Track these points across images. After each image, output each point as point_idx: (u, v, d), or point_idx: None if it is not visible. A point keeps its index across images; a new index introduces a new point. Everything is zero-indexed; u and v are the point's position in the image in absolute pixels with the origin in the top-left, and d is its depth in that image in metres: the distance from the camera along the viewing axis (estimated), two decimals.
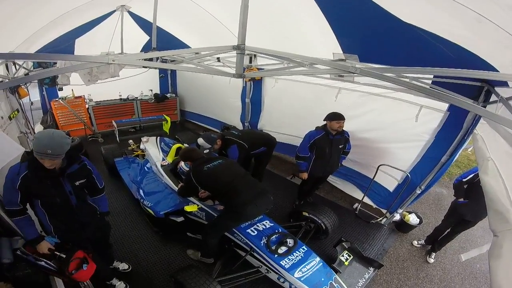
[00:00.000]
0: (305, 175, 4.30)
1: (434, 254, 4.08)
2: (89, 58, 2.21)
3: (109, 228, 3.13)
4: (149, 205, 3.83)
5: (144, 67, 4.81)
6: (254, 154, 4.56)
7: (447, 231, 4.00)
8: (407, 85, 1.89)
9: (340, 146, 4.17)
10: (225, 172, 3.26)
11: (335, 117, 3.91)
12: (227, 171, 3.29)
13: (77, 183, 2.40)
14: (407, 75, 2.88)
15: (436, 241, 4.11)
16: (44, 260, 2.36)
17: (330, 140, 4.03)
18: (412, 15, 2.39)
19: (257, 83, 6.11)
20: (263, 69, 5.71)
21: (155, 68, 5.18)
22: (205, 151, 4.17)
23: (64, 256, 2.39)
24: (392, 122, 4.20)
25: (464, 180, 3.57)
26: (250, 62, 5.59)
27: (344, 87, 4.62)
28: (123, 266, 3.44)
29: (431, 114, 3.78)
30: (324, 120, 4.02)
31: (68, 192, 2.35)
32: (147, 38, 5.65)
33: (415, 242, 4.35)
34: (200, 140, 4.14)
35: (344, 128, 4.05)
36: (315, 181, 4.64)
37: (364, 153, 4.77)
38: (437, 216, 5.12)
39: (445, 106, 3.61)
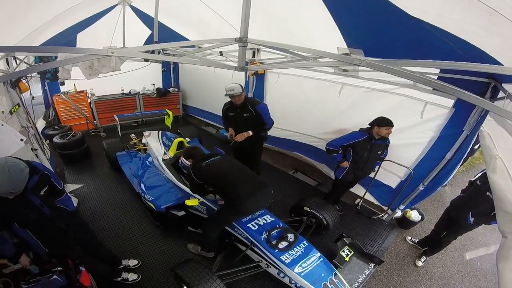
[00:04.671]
0: (346, 163, 4.08)
1: (424, 258, 3.97)
2: (88, 51, 2.18)
3: (88, 226, 3.10)
4: (150, 199, 3.83)
5: (145, 60, 4.78)
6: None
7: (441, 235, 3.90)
8: (413, 77, 1.85)
9: (379, 152, 3.99)
10: (222, 166, 3.26)
11: (385, 123, 3.68)
12: (225, 165, 3.29)
13: (42, 193, 2.36)
14: (412, 69, 2.85)
15: (430, 244, 4.04)
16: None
17: (371, 145, 3.85)
18: (420, 9, 2.33)
19: (260, 78, 6.06)
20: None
21: (156, 61, 5.13)
22: (230, 92, 4.11)
23: (60, 268, 2.49)
24: (396, 118, 4.12)
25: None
26: (253, 56, 5.54)
27: (348, 82, 4.55)
28: (132, 262, 3.46)
29: (436, 110, 3.71)
30: (370, 124, 3.85)
31: (38, 205, 2.33)
32: (149, 32, 5.62)
33: (408, 237, 4.32)
34: (235, 85, 4.09)
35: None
36: (346, 186, 4.55)
37: None
38: (438, 213, 4.96)
39: (450, 102, 3.54)
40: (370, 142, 3.83)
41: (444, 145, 3.73)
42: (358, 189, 5.11)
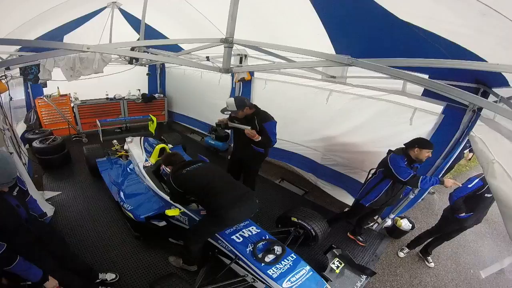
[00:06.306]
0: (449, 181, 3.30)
1: (430, 258, 3.99)
2: (64, 45, 2.06)
3: (61, 235, 2.94)
4: (129, 208, 3.62)
5: (129, 62, 4.62)
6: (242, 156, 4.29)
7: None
8: (405, 76, 1.76)
9: None
10: (203, 174, 3.10)
11: (428, 145, 3.20)
12: (207, 173, 3.13)
13: (15, 193, 2.24)
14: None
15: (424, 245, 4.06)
16: None
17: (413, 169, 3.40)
18: (411, 12, 2.28)
19: (247, 84, 5.96)
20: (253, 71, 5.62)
21: (141, 64, 4.95)
22: (226, 113, 3.78)
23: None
24: (385, 125, 4.11)
25: (464, 195, 3.39)
26: (240, 62, 5.44)
27: (336, 89, 4.50)
28: (110, 276, 3.21)
29: (425, 117, 3.68)
30: (406, 145, 3.37)
31: (15, 206, 2.16)
32: (137, 36, 5.51)
33: (401, 254, 4.15)
34: (230, 100, 3.69)
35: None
36: (369, 213, 4.07)
37: (355, 157, 4.65)
38: (428, 221, 5.06)
39: (439, 108, 3.52)
40: (411, 166, 3.34)
41: (434, 151, 3.66)
42: (346, 198, 5.05)
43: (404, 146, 3.39)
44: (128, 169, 4.73)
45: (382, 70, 1.82)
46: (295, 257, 2.97)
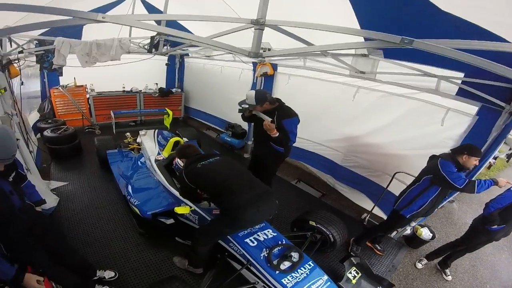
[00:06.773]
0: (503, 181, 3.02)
1: (448, 270, 3.79)
2: (76, 13, 1.89)
3: (58, 228, 2.75)
4: (136, 203, 3.45)
5: (148, 51, 4.49)
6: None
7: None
8: (470, 59, 1.52)
9: None
10: (219, 169, 2.85)
11: (478, 152, 2.96)
12: (223, 168, 2.88)
13: (10, 179, 2.08)
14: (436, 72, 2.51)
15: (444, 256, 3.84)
16: None
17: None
18: (452, 4, 2.12)
19: (269, 79, 5.77)
20: (276, 64, 5.48)
21: (156, 48, 4.79)
22: (242, 105, 3.52)
23: None
24: (414, 126, 3.87)
25: (503, 207, 3.12)
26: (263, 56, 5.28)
27: (364, 86, 4.28)
28: (108, 274, 3.02)
29: (458, 118, 3.44)
30: (454, 150, 3.11)
31: (8, 192, 1.99)
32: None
33: (419, 265, 3.90)
34: (251, 93, 3.40)
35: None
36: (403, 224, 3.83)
37: (380, 159, 4.41)
38: (447, 231, 4.87)
39: (474, 109, 3.29)
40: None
41: None
42: (365, 202, 4.84)
43: (450, 152, 3.12)
44: (139, 162, 4.59)
45: (446, 53, 1.54)
46: (312, 265, 2.70)
